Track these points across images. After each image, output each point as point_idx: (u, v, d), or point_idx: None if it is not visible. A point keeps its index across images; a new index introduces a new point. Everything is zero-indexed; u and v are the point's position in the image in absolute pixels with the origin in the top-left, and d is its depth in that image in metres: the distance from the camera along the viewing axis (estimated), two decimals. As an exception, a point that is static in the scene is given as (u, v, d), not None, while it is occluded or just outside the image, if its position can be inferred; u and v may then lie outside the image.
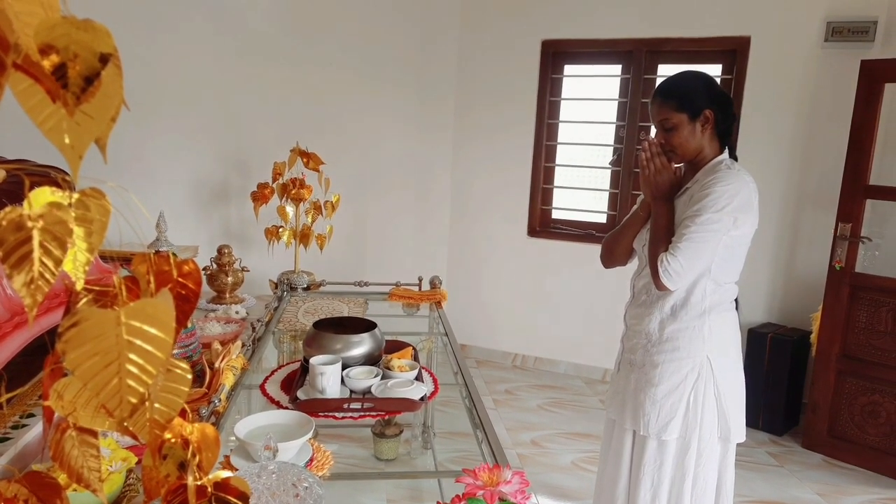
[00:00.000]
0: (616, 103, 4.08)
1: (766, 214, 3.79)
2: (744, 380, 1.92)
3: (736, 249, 1.82)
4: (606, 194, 4.23)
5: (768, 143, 3.74)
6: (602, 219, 4.25)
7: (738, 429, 1.89)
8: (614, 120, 4.09)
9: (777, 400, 3.56)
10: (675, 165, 1.87)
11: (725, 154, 1.86)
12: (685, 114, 1.78)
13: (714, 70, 3.88)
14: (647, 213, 1.90)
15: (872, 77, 3.12)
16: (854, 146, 3.20)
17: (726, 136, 1.87)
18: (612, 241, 2.04)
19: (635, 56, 3.96)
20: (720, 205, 1.72)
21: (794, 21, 3.60)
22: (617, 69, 4.09)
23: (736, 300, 1.93)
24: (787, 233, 3.79)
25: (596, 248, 2.16)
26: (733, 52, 3.76)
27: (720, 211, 1.72)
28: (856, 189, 3.21)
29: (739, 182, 1.75)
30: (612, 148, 4.13)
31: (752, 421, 3.64)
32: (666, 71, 3.97)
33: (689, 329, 1.83)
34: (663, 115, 1.80)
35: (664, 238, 1.79)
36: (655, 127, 1.85)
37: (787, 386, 3.53)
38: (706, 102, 1.79)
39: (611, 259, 2.06)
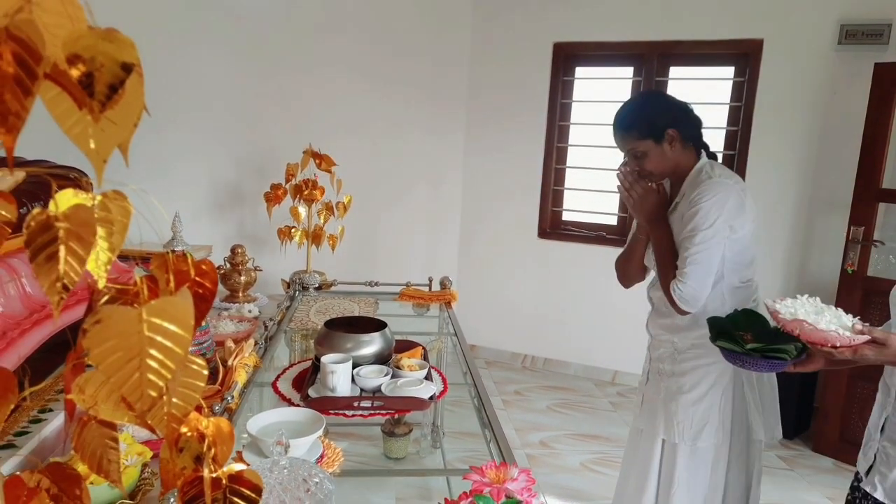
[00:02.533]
0: (628, 105, 4.07)
1: (778, 218, 3.80)
2: (775, 378, 1.90)
3: (742, 251, 1.81)
4: (617, 196, 4.22)
5: (781, 147, 3.72)
6: (613, 221, 4.25)
7: (770, 428, 1.89)
8: (626, 122, 4.09)
9: (788, 404, 3.52)
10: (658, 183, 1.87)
11: (703, 158, 1.85)
12: (650, 140, 1.78)
13: (726, 72, 3.88)
14: (647, 235, 1.90)
15: (886, 80, 3.11)
16: (867, 149, 3.18)
17: (698, 141, 1.87)
18: (622, 265, 2.04)
19: (647, 59, 3.96)
20: (710, 220, 1.72)
21: (807, 24, 3.59)
22: (629, 71, 4.09)
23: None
24: (799, 236, 3.77)
25: (606, 250, 2.17)
26: (746, 55, 3.75)
27: (713, 226, 1.72)
28: (869, 192, 3.19)
29: (723, 191, 1.74)
30: (623, 150, 4.13)
31: (763, 424, 3.64)
32: (678, 73, 3.97)
33: None
34: (629, 145, 1.81)
35: (670, 261, 1.78)
36: (626, 156, 1.85)
37: (798, 390, 3.52)
38: (666, 122, 1.78)
39: (626, 280, 2.07)
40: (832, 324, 1.38)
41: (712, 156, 1.89)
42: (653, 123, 1.77)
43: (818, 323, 1.38)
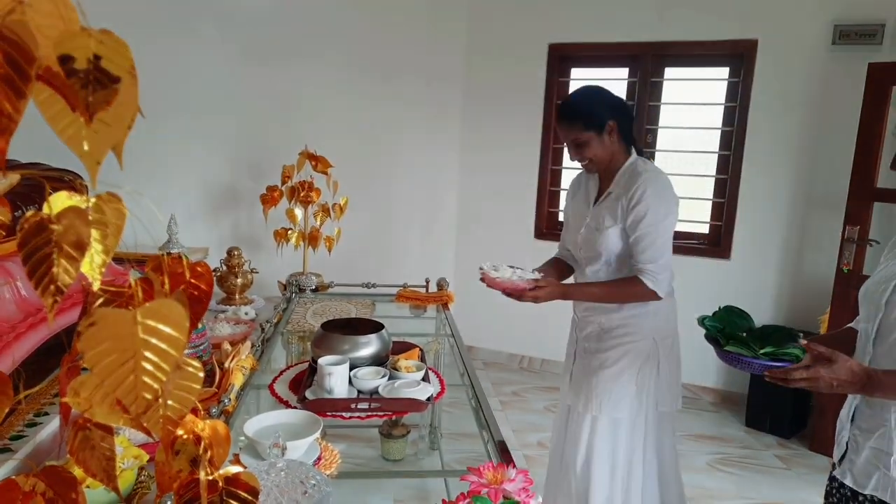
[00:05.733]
0: (623, 106, 4.08)
1: (773, 217, 3.81)
2: (681, 355, 2.13)
3: (670, 237, 1.97)
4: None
5: (776, 146, 3.73)
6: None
7: (676, 399, 2.11)
8: (621, 122, 4.09)
9: (784, 403, 3.55)
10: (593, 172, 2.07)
11: (634, 154, 2.02)
12: (592, 131, 1.93)
13: (721, 73, 3.89)
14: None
15: (880, 80, 3.12)
16: (862, 149, 3.19)
17: (630, 137, 2.03)
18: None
19: (642, 59, 3.96)
20: (663, 211, 1.91)
21: (802, 24, 3.60)
22: (624, 72, 4.09)
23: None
24: (794, 236, 3.78)
25: None
26: (740, 55, 3.76)
27: (667, 216, 1.92)
28: (863, 192, 3.20)
29: (663, 180, 1.95)
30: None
31: (760, 423, 3.64)
32: (672, 74, 3.98)
33: (639, 315, 2.01)
34: (573, 135, 1.94)
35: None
36: (567, 145, 1.99)
37: (795, 389, 3.52)
38: (608, 115, 1.93)
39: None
40: (509, 276, 1.84)
41: (640, 153, 2.06)
42: (596, 115, 1.92)
43: (490, 272, 1.85)
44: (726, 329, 1.60)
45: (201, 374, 0.57)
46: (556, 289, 1.88)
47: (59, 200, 0.50)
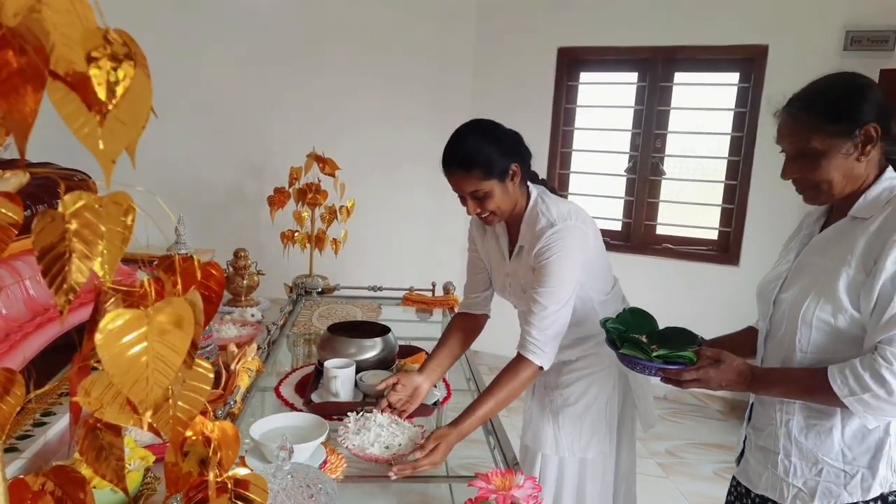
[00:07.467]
0: (632, 111, 4.07)
1: (784, 224, 3.76)
2: None
3: (595, 264, 1.75)
4: (622, 202, 4.22)
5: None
6: (617, 226, 4.24)
7: (651, 418, 1.91)
8: (630, 127, 4.09)
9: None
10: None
11: (533, 191, 1.73)
12: (494, 179, 1.61)
13: (731, 78, 3.87)
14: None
15: (892, 86, 3.10)
16: (872, 156, 3.17)
17: (529, 171, 1.75)
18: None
19: (652, 64, 3.96)
20: (562, 277, 1.60)
21: (813, 30, 3.58)
22: (633, 77, 4.08)
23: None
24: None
25: (609, 256, 2.11)
26: (750, 60, 3.75)
27: (564, 283, 1.60)
28: (873, 199, 3.18)
29: (564, 238, 1.61)
30: (627, 155, 4.13)
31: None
32: (682, 79, 3.96)
33: (598, 343, 1.78)
34: (472, 187, 1.63)
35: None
36: (463, 195, 1.68)
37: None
38: (509, 158, 1.63)
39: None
40: (376, 442, 1.51)
41: (534, 177, 1.79)
42: (497, 161, 1.61)
43: (348, 440, 1.47)
44: (628, 331, 1.55)
45: (210, 375, 0.57)
46: (452, 438, 1.52)
47: (73, 199, 0.50)
